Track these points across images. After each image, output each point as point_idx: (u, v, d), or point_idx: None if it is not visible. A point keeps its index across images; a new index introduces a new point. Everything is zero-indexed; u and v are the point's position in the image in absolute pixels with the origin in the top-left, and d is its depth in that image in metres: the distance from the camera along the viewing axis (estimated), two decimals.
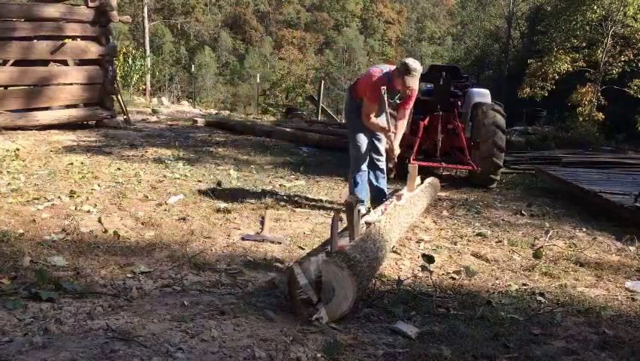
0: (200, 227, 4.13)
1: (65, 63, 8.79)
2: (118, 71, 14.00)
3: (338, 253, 2.74)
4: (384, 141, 4.71)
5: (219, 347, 2.17)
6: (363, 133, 4.66)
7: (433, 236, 4.42)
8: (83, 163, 6.18)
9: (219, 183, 5.71)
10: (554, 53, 17.04)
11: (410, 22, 76.29)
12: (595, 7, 16.09)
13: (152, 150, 7.51)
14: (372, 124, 4.54)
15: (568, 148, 10.06)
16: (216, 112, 16.23)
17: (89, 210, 4.30)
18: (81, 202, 4.50)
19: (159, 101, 16.83)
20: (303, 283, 2.60)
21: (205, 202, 4.87)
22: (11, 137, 7.49)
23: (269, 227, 4.26)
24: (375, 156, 4.79)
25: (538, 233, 4.65)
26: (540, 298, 3.14)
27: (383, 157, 4.85)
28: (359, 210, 3.44)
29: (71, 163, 6.12)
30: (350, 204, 3.19)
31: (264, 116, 15.88)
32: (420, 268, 3.36)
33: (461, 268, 3.54)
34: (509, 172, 7.63)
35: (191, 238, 3.86)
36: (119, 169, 6.04)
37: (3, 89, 8.14)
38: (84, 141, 7.81)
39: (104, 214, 4.21)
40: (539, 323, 2.76)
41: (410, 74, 4.19)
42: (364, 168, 4.75)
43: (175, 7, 57.90)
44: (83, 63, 9.02)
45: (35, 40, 8.30)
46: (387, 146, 4.65)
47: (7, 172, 5.43)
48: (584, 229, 4.82)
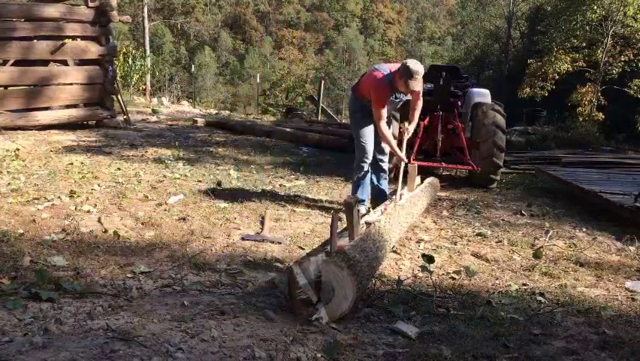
0: (200, 227, 4.13)
1: (65, 63, 8.79)
2: (118, 71, 14.00)
3: (338, 253, 2.74)
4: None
5: (219, 347, 2.17)
6: (367, 132, 4.64)
7: (433, 236, 4.42)
8: (83, 163, 6.18)
9: (219, 183, 5.71)
10: (554, 53, 17.04)
11: (410, 22, 76.30)
12: (595, 7, 16.08)
13: (152, 150, 7.51)
14: (382, 132, 4.48)
15: (568, 148, 10.06)
16: (216, 112, 16.23)
17: (89, 210, 4.30)
18: (81, 202, 4.50)
19: (159, 101, 16.83)
20: (302, 283, 2.60)
21: (205, 202, 4.87)
22: (11, 137, 7.49)
23: (269, 227, 4.26)
24: (379, 156, 4.78)
25: (538, 233, 4.65)
26: (540, 298, 3.14)
27: (386, 157, 4.85)
28: (359, 210, 3.44)
29: (71, 163, 6.12)
30: (349, 204, 3.19)
31: (264, 116, 15.88)
32: (420, 268, 3.36)
33: (461, 268, 3.54)
34: (509, 172, 7.63)
35: (191, 238, 3.86)
36: (119, 169, 6.04)
37: (3, 89, 8.14)
38: (84, 141, 7.81)
39: (104, 214, 4.21)
40: (539, 323, 2.76)
41: (413, 78, 4.17)
42: (367, 168, 4.72)
43: (175, 7, 57.91)
44: (83, 63, 9.02)
45: (35, 40, 8.30)
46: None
47: (7, 172, 5.43)
48: (584, 229, 4.82)
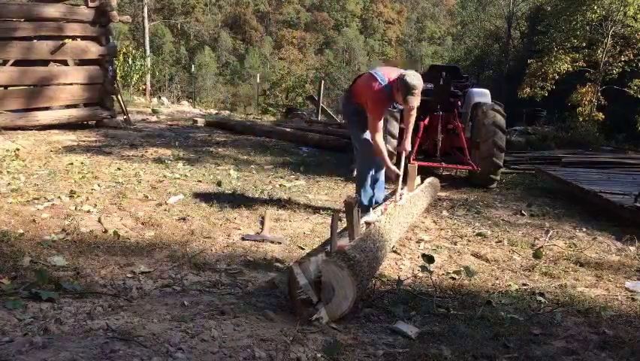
0: (200, 227, 4.13)
1: (65, 63, 8.79)
2: (118, 71, 14.00)
3: (338, 253, 2.74)
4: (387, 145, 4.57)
5: (219, 347, 2.17)
6: (366, 135, 4.47)
7: (433, 236, 4.42)
8: (83, 163, 6.18)
9: (219, 183, 5.71)
10: (554, 53, 17.04)
11: (410, 22, 76.34)
12: (595, 7, 16.08)
13: (152, 150, 7.51)
14: (376, 146, 4.32)
15: (568, 148, 10.06)
16: (216, 112, 16.23)
17: (89, 210, 4.30)
18: (81, 202, 4.50)
19: (159, 101, 16.83)
20: (302, 283, 2.60)
21: (205, 202, 4.87)
22: (11, 137, 7.49)
23: (269, 227, 4.26)
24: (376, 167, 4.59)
25: (538, 233, 4.65)
26: (540, 298, 3.14)
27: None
28: (358, 210, 3.44)
29: (71, 163, 6.12)
30: (349, 205, 3.19)
31: (264, 116, 15.88)
32: (420, 268, 3.36)
33: (461, 268, 3.54)
34: (509, 172, 7.63)
35: (191, 238, 3.86)
36: (119, 169, 6.04)
37: (3, 89, 8.13)
38: (84, 141, 7.81)
39: (104, 214, 4.21)
40: (539, 323, 2.76)
41: (412, 94, 4.01)
42: (370, 171, 4.56)
43: (175, 7, 57.93)
44: (83, 63, 9.02)
45: (35, 41, 8.30)
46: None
47: (7, 172, 5.42)
48: (584, 229, 4.82)
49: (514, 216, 5.29)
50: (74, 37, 8.63)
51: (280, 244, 3.91)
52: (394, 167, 4.41)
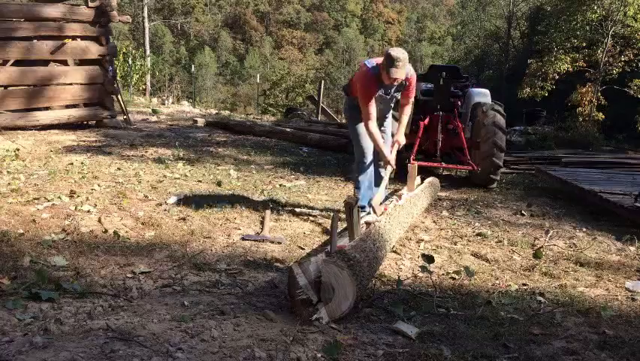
0: (200, 227, 4.13)
1: (65, 63, 8.79)
2: (118, 71, 14.01)
3: (338, 253, 2.74)
4: (389, 142, 4.37)
5: (219, 347, 2.17)
6: (365, 132, 4.27)
7: (433, 236, 4.42)
8: (83, 163, 6.18)
9: (219, 183, 5.71)
10: (554, 53, 17.03)
11: (410, 22, 76.32)
12: (595, 7, 16.05)
13: (152, 150, 7.51)
14: (369, 131, 4.14)
15: (568, 148, 10.07)
16: (216, 112, 16.23)
17: (89, 210, 4.29)
18: (81, 202, 4.50)
19: (160, 100, 16.83)
20: (302, 284, 2.60)
21: (205, 202, 4.87)
22: (11, 137, 7.49)
23: (269, 227, 4.26)
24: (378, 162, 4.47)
25: (538, 233, 4.65)
26: (540, 298, 3.14)
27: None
28: (358, 210, 3.44)
29: (71, 163, 6.12)
30: (349, 205, 3.19)
31: (264, 116, 15.89)
32: (420, 268, 3.36)
33: (461, 268, 3.54)
34: (509, 172, 7.64)
35: (191, 238, 3.86)
36: (119, 169, 6.03)
37: (3, 89, 8.13)
38: (84, 141, 7.81)
39: (104, 214, 4.21)
40: (539, 323, 2.76)
41: (394, 65, 3.82)
42: (368, 171, 4.40)
43: (175, 7, 57.95)
44: (83, 63, 9.02)
45: (35, 41, 8.30)
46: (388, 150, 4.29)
47: (7, 172, 5.42)
48: (584, 229, 4.82)
49: (514, 216, 5.29)
50: (74, 37, 8.63)
51: (280, 244, 3.91)
52: (389, 154, 4.23)
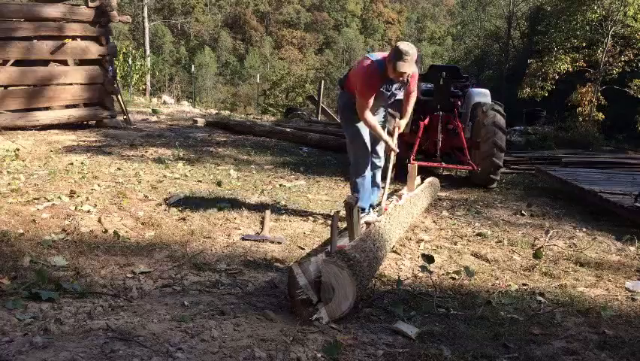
0: (200, 227, 4.13)
1: (65, 63, 8.78)
2: (118, 71, 14.01)
3: (338, 253, 2.74)
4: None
5: (219, 347, 2.17)
6: (362, 131, 4.17)
7: (433, 236, 4.42)
8: (83, 163, 6.18)
9: (219, 183, 5.71)
10: (554, 53, 17.03)
11: (410, 22, 76.33)
12: (595, 7, 16.06)
13: (152, 150, 7.51)
14: (366, 120, 4.00)
15: (568, 148, 10.07)
16: (216, 112, 16.22)
17: (89, 210, 4.29)
18: (81, 202, 4.50)
19: (159, 100, 16.83)
20: (302, 284, 2.60)
21: (205, 202, 4.87)
22: (11, 137, 7.49)
23: (269, 227, 4.26)
24: (374, 159, 4.38)
25: (538, 233, 4.65)
26: (540, 298, 3.14)
27: (381, 159, 4.46)
28: (358, 210, 3.44)
29: (71, 163, 6.12)
30: (349, 205, 3.19)
31: (264, 116, 15.89)
32: (420, 268, 3.36)
33: (461, 268, 3.54)
34: (509, 172, 7.64)
35: (191, 238, 3.86)
36: (119, 169, 6.03)
37: (3, 89, 8.13)
38: (84, 141, 7.81)
39: (104, 214, 4.21)
40: (539, 323, 2.76)
41: (402, 59, 3.68)
42: (367, 173, 4.29)
43: (175, 7, 57.94)
44: (83, 63, 9.02)
45: (35, 41, 8.30)
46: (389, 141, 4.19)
47: (7, 172, 5.42)
48: (584, 229, 4.82)
49: (514, 216, 5.29)
50: (74, 37, 8.62)
51: (280, 244, 3.91)
52: (390, 140, 4.12)
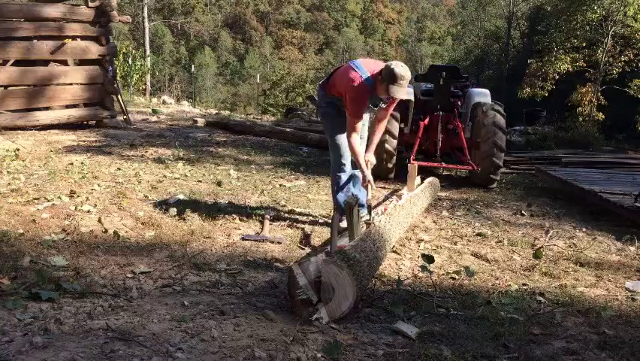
0: (200, 227, 4.13)
1: (65, 63, 8.79)
2: (118, 71, 14.01)
3: (338, 253, 2.74)
4: (364, 145, 4.11)
5: (219, 347, 2.17)
6: (342, 131, 4.03)
7: (433, 236, 4.42)
8: (83, 163, 6.18)
9: (219, 183, 5.71)
10: (554, 53, 17.04)
11: (410, 22, 76.34)
12: (595, 7, 16.06)
13: (152, 150, 7.51)
14: (352, 147, 3.88)
15: (568, 148, 10.08)
16: (216, 112, 16.23)
17: (89, 210, 4.29)
18: (81, 202, 4.50)
19: (160, 100, 16.82)
20: (302, 284, 2.60)
21: (205, 202, 4.87)
22: (11, 137, 7.49)
23: (269, 227, 4.26)
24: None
25: (538, 233, 4.65)
26: (540, 298, 3.14)
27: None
28: (359, 210, 3.44)
29: (71, 163, 6.12)
30: (349, 205, 3.19)
31: (264, 116, 15.89)
32: (420, 268, 3.36)
33: (461, 268, 3.54)
34: (509, 172, 7.64)
35: (191, 238, 3.86)
36: (119, 169, 6.03)
37: (3, 89, 8.13)
38: (84, 141, 7.81)
39: (104, 214, 4.21)
40: (539, 323, 2.76)
41: (397, 83, 3.59)
42: (348, 169, 4.17)
43: (175, 7, 57.87)
44: (83, 63, 9.02)
45: (35, 41, 8.30)
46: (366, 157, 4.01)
47: (7, 172, 5.42)
48: (584, 229, 4.82)
49: (514, 216, 5.29)
50: (74, 37, 8.63)
51: (280, 244, 3.91)
52: (368, 173, 3.93)
